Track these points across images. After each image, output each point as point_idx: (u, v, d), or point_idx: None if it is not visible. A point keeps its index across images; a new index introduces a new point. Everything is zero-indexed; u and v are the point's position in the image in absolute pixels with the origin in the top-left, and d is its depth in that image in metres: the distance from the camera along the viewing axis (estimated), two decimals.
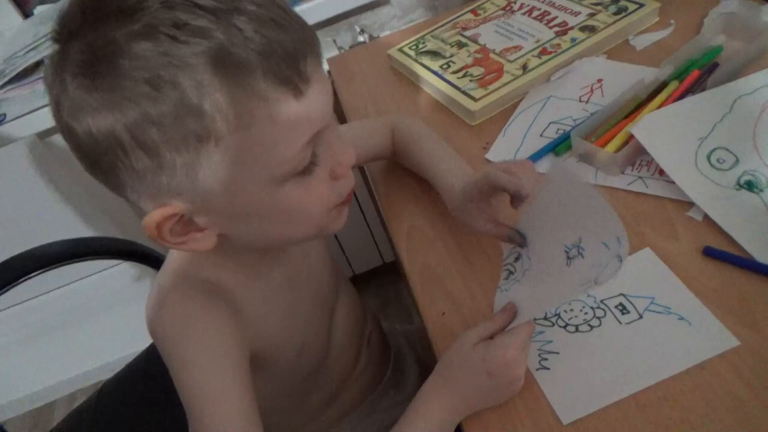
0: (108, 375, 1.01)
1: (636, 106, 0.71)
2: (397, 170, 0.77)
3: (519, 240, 0.57)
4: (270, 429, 0.75)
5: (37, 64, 1.16)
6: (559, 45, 0.84)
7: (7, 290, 0.79)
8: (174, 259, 0.55)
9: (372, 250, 1.55)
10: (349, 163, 0.49)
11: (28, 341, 1.81)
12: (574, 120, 0.75)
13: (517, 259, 0.59)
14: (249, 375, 0.52)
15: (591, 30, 0.84)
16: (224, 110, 0.38)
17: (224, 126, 0.38)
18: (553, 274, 0.51)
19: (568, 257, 0.50)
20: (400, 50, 0.96)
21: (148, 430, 0.87)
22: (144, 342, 0.81)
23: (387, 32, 1.31)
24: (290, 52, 0.39)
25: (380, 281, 1.65)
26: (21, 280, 0.80)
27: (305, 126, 0.42)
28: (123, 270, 1.74)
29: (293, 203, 0.46)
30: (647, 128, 0.65)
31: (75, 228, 1.24)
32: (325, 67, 1.14)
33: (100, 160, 0.40)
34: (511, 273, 0.59)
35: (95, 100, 0.37)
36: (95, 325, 1.74)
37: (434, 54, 0.92)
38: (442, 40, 0.94)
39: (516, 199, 0.56)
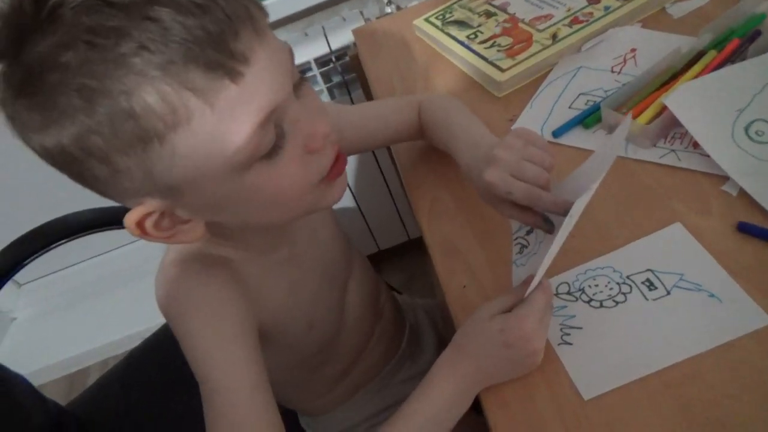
0: (138, 343, 1.04)
1: (671, 77, 0.68)
2: (419, 142, 0.76)
3: (547, 228, 0.53)
4: (283, 401, 0.76)
5: None
6: (591, 13, 0.81)
7: (39, 256, 0.82)
8: None
9: (398, 226, 1.55)
10: (322, 133, 0.45)
11: (64, 309, 1.87)
12: (605, 91, 0.72)
13: (529, 232, 0.58)
14: (257, 345, 0.52)
15: None
16: (156, 110, 0.36)
17: (161, 125, 0.37)
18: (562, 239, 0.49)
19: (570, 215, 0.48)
20: (427, 20, 0.94)
21: (174, 393, 0.89)
22: None
23: (415, 2, 1.28)
24: (216, 33, 0.36)
25: (406, 257, 1.65)
26: (52, 246, 0.83)
27: (253, 108, 0.39)
28: (150, 242, 1.78)
29: (264, 188, 0.43)
30: (682, 99, 0.62)
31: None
32: (350, 38, 1.13)
33: (66, 171, 0.40)
34: (524, 246, 0.58)
35: (36, 119, 0.37)
36: (127, 294, 1.79)
37: (461, 24, 0.89)
38: (470, 10, 0.92)
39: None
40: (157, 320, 0.62)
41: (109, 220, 0.85)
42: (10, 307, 1.91)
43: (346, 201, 1.44)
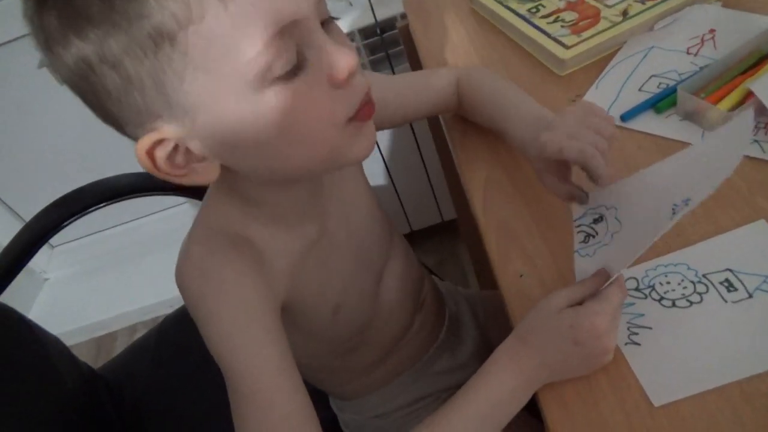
0: (167, 311, 1.03)
1: (757, 61, 0.63)
2: None
3: (580, 196, 0.54)
4: (314, 382, 0.73)
5: None
6: None
7: (76, 219, 0.81)
8: (205, 210, 0.53)
9: (432, 207, 1.51)
10: (347, 67, 0.41)
11: (96, 272, 1.89)
12: (680, 74, 0.67)
13: (596, 220, 0.54)
14: (280, 327, 0.49)
15: None
16: (168, 3, 0.35)
17: (173, 21, 0.35)
18: (652, 230, 0.45)
19: (674, 213, 0.44)
20: None
21: (205, 363, 0.88)
22: None
23: None
24: None
25: (437, 239, 1.62)
26: (90, 209, 0.81)
27: (267, 14, 0.37)
28: (185, 210, 1.78)
29: (283, 114, 0.40)
30: None
31: None
32: (397, 9, 1.08)
33: (82, 90, 0.40)
34: (589, 236, 0.54)
35: (56, 24, 0.37)
36: (157, 261, 1.79)
37: None
38: None
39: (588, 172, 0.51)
40: None
41: (149, 186, 0.83)
42: (43, 268, 1.93)
43: (381, 178, 1.40)
